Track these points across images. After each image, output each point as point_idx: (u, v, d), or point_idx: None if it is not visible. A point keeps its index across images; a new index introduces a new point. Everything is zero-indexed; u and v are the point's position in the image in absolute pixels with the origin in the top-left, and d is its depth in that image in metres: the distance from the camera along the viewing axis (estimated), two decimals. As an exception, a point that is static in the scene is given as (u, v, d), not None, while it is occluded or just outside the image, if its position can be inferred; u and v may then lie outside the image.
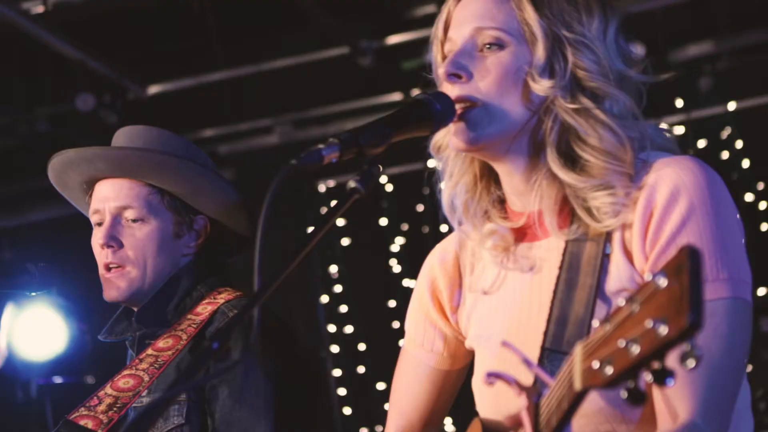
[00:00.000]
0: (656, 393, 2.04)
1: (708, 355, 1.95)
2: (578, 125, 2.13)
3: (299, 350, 3.17)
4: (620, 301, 1.53)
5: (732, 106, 7.04)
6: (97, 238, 3.11)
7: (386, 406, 2.79)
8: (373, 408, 7.17)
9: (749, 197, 7.04)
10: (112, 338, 3.23)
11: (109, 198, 3.11)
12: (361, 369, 7.70)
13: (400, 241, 7.73)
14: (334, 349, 7.68)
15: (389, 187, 7.74)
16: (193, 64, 7.17)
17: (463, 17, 2.22)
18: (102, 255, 3.10)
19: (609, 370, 1.52)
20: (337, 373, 7.59)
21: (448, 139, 2.26)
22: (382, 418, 2.42)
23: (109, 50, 6.84)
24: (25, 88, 7.46)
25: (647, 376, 1.49)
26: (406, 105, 2.15)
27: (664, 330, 1.43)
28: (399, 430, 2.50)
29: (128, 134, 3.19)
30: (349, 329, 7.71)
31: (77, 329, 6.93)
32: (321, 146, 2.01)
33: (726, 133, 7.10)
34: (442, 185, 2.36)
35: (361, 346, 7.46)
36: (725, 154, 7.07)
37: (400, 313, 7.79)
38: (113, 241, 3.08)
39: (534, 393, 1.86)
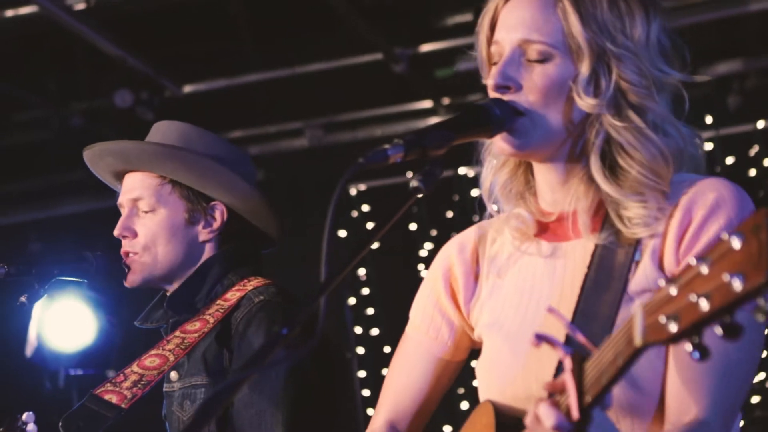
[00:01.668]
0: (668, 385, 2.12)
1: (725, 354, 2.05)
2: (623, 140, 2.20)
3: (327, 351, 3.27)
4: (690, 261, 1.57)
5: (761, 124, 7.08)
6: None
7: None
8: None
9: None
10: (148, 325, 3.36)
11: (126, 191, 3.31)
12: (385, 371, 7.65)
13: (428, 246, 7.74)
14: (360, 350, 7.71)
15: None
16: (228, 65, 7.23)
17: (511, 22, 2.28)
18: (122, 245, 3.28)
19: (674, 326, 1.58)
20: (362, 374, 7.63)
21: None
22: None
23: (147, 48, 6.92)
24: (59, 83, 7.54)
25: (718, 330, 1.53)
26: (467, 110, 2.22)
27: (739, 285, 1.48)
28: (390, 415, 2.51)
29: (155, 129, 3.41)
30: (375, 332, 7.72)
31: (106, 321, 7.02)
32: (387, 146, 2.09)
33: (754, 150, 7.14)
34: (485, 169, 2.42)
35: (387, 349, 7.49)
36: (753, 172, 7.10)
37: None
38: (127, 231, 3.27)
39: (578, 358, 1.89)
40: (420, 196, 2.11)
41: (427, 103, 7.70)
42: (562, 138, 2.25)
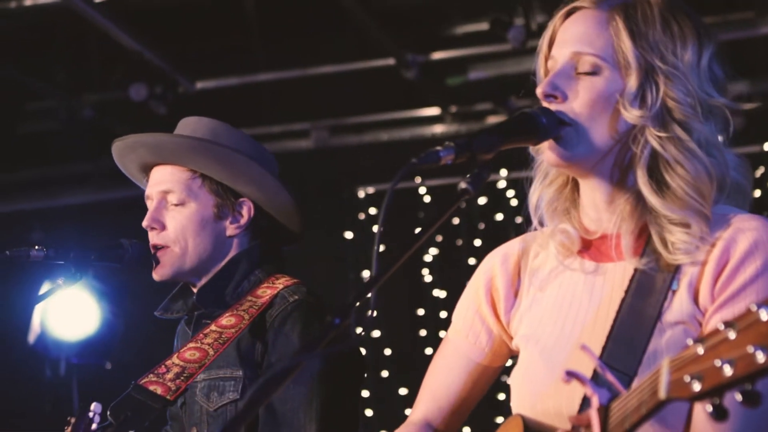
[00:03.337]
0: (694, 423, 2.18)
1: (743, 418, 2.11)
2: (668, 154, 2.25)
3: (359, 356, 3.35)
4: (719, 326, 1.65)
5: (767, 146, 7.16)
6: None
7: (407, 411, 2.91)
8: (394, 412, 7.26)
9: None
10: (168, 316, 3.41)
11: (155, 183, 3.34)
12: (384, 373, 7.79)
13: (433, 251, 7.81)
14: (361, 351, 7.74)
15: (427, 198, 7.86)
16: (240, 64, 7.27)
17: (565, 38, 2.36)
18: (150, 237, 3.31)
19: (697, 386, 1.65)
20: (362, 376, 7.66)
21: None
22: (402, 422, 2.51)
23: (162, 43, 6.96)
24: (70, 74, 7.57)
25: (737, 396, 1.61)
26: (515, 117, 2.28)
27: (762, 358, 1.56)
28: (427, 413, 2.57)
29: (183, 123, 3.41)
30: (376, 333, 7.78)
31: (109, 312, 7.05)
32: (438, 148, 2.13)
33: (760, 172, 7.22)
34: (534, 184, 2.48)
35: (387, 351, 7.54)
36: (758, 193, 7.20)
37: (428, 321, 7.94)
38: (156, 223, 3.29)
39: (605, 396, 1.97)
40: (467, 197, 2.17)
41: (434, 110, 7.76)
42: (606, 149, 2.30)
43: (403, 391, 7.58)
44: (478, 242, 7.63)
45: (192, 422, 3.22)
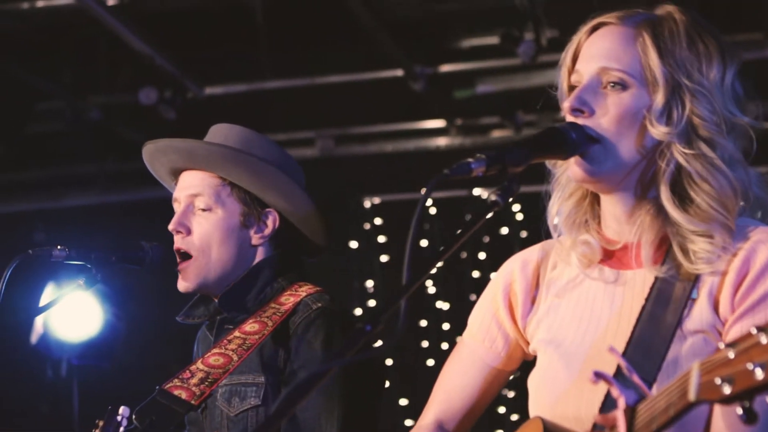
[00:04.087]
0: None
1: None
2: (693, 169, 2.29)
3: (382, 366, 3.36)
4: (751, 330, 1.69)
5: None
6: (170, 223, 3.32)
7: (407, 422, 2.93)
8: (395, 423, 7.23)
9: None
10: (190, 321, 3.41)
11: (184, 187, 3.34)
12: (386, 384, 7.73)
13: (437, 263, 7.76)
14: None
15: (433, 210, 7.87)
16: (249, 71, 7.28)
17: (591, 53, 2.38)
18: (174, 241, 3.31)
19: (728, 388, 1.69)
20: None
21: (566, 165, 2.42)
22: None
23: (172, 47, 6.97)
24: (78, 75, 7.58)
25: None
26: (545, 131, 2.30)
27: None
28: (440, 415, 2.61)
29: (215, 130, 3.43)
30: (377, 343, 7.72)
31: (112, 314, 7.06)
32: (470, 160, 2.15)
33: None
34: (553, 198, 2.51)
35: (388, 362, 7.54)
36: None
37: (430, 333, 7.93)
38: (181, 227, 3.29)
39: (632, 398, 2.00)
40: (497, 209, 2.19)
41: (439, 123, 7.79)
42: (632, 165, 2.33)
43: (403, 401, 7.60)
44: (482, 255, 7.66)
45: (212, 427, 3.22)
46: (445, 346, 7.66)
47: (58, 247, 3.12)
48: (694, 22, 2.38)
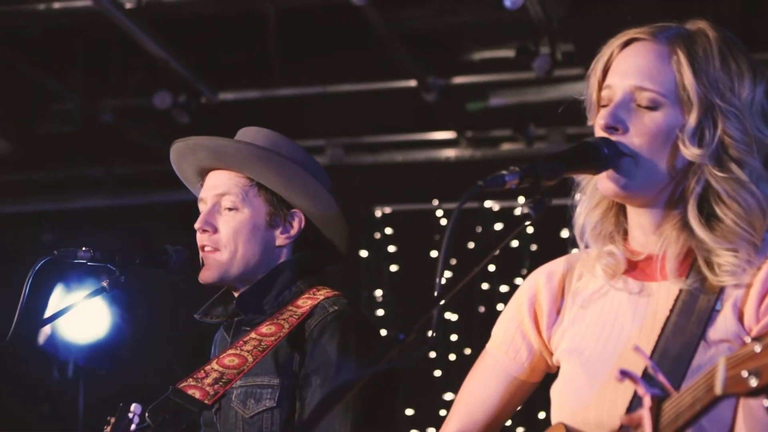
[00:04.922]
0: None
1: None
2: (722, 190, 2.29)
3: (398, 375, 3.36)
4: None
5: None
6: (196, 222, 3.34)
7: None
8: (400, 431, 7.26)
9: None
10: (208, 320, 3.43)
11: (211, 187, 3.36)
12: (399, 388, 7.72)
13: (447, 274, 7.77)
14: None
15: (443, 221, 7.90)
16: (262, 77, 7.31)
17: (625, 69, 2.37)
18: (199, 239, 3.33)
19: (755, 381, 1.72)
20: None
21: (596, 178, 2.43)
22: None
23: (186, 52, 7.00)
24: (91, 78, 7.60)
25: None
26: (578, 146, 2.31)
27: None
28: (462, 426, 2.61)
29: (243, 132, 3.44)
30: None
31: (119, 317, 7.07)
32: (504, 172, 2.16)
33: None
34: (578, 209, 2.51)
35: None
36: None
37: (438, 343, 7.89)
38: (208, 225, 3.31)
39: (656, 398, 2.00)
40: (529, 222, 2.20)
41: (450, 134, 7.81)
42: (663, 183, 2.34)
43: (409, 411, 7.56)
44: (492, 267, 7.67)
45: (227, 428, 3.23)
46: (452, 357, 7.66)
47: (83, 248, 3.13)
48: (726, 40, 2.38)
